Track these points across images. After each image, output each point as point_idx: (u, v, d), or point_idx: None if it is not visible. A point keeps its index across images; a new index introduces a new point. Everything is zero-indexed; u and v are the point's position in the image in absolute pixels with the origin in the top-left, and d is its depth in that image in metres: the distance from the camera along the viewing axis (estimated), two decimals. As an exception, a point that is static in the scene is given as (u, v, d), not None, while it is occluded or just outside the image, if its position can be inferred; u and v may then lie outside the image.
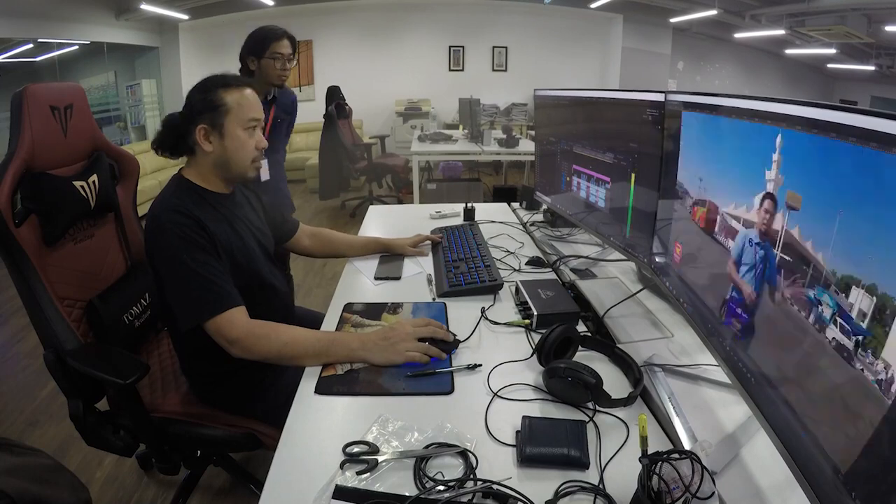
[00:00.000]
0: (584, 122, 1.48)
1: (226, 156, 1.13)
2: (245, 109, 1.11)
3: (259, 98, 1.18)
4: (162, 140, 1.16)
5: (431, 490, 0.69)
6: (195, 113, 1.10)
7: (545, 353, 0.94)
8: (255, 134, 1.15)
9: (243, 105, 1.11)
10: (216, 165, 1.15)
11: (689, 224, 0.93)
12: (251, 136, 1.14)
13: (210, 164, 1.15)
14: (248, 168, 1.16)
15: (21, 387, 2.28)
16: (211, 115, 1.10)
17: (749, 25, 6.33)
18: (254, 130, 1.14)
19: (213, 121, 1.10)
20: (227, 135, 1.11)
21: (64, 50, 5.25)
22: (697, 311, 0.90)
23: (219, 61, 2.46)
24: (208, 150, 1.12)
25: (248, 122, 1.12)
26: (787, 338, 0.62)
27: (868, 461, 0.47)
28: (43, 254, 1.13)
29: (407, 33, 7.16)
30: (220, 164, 1.14)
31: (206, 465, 1.58)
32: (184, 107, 1.13)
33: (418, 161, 4.52)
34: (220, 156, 1.13)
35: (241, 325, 1.03)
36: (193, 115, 1.10)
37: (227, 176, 1.18)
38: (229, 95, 1.10)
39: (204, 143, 1.11)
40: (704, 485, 0.58)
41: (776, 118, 0.64)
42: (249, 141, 1.14)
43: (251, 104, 1.13)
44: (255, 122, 1.13)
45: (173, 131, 1.15)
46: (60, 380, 1.13)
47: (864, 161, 0.48)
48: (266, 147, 1.18)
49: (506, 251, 1.62)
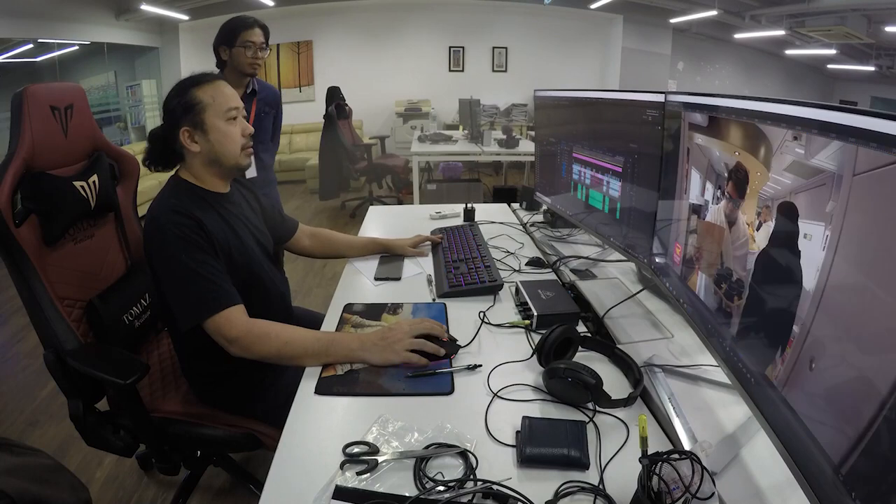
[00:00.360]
0: (584, 122, 1.48)
1: (214, 150, 1.13)
2: (220, 101, 1.12)
3: (236, 90, 1.19)
4: (151, 154, 1.17)
5: (431, 490, 0.69)
6: (175, 118, 1.11)
7: (545, 353, 0.94)
8: (238, 123, 1.15)
9: (217, 97, 1.12)
10: (208, 163, 1.15)
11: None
12: (234, 126, 1.14)
13: (202, 163, 1.15)
14: (239, 157, 1.17)
15: (21, 387, 2.28)
16: (189, 115, 1.10)
17: (749, 26, 6.33)
18: (235, 120, 1.15)
19: (193, 121, 1.11)
20: (210, 130, 1.12)
21: (64, 50, 5.25)
22: (697, 312, 0.90)
23: (219, 61, 2.45)
24: (196, 150, 1.13)
25: (227, 112, 1.13)
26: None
27: (868, 461, 0.47)
28: (43, 254, 1.13)
29: (407, 33, 7.17)
30: (212, 160, 1.15)
31: (206, 465, 1.58)
32: (163, 117, 1.14)
33: (418, 161, 4.52)
34: (208, 152, 1.13)
35: (241, 324, 1.03)
36: (175, 121, 1.11)
37: (221, 170, 1.18)
38: (202, 92, 1.11)
39: (190, 144, 1.12)
40: (704, 485, 0.58)
41: (776, 119, 0.65)
42: (234, 130, 1.14)
43: (226, 95, 1.13)
44: (234, 111, 1.14)
45: (159, 143, 1.15)
46: (60, 380, 1.13)
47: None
48: (252, 132, 1.18)
49: (506, 252, 1.63)
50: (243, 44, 1.90)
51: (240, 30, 1.90)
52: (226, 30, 1.93)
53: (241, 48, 1.90)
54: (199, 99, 1.10)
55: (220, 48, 1.94)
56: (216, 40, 1.94)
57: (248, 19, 1.94)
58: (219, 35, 1.94)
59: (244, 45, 1.90)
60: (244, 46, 1.90)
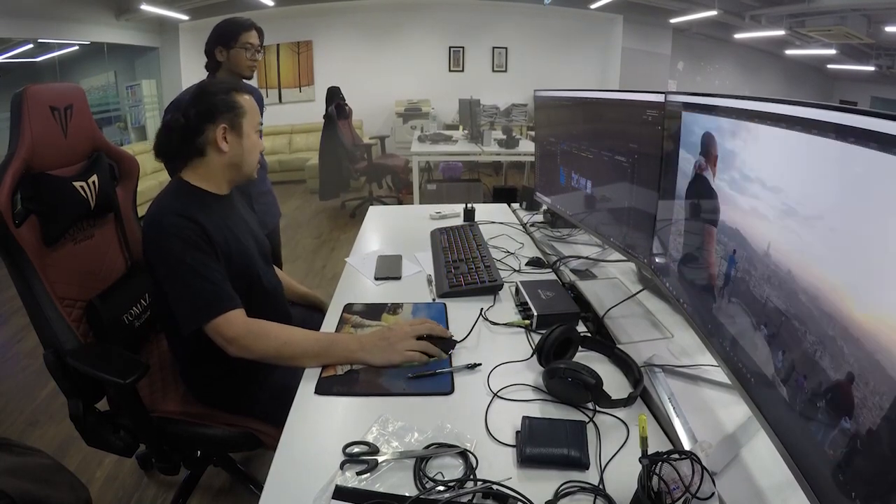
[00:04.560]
0: (584, 122, 1.48)
1: (241, 156, 1.17)
2: (254, 113, 1.17)
3: None
4: (167, 143, 1.14)
5: (431, 490, 0.69)
6: (215, 113, 1.11)
7: (545, 353, 0.94)
8: (259, 137, 1.22)
9: (253, 109, 1.18)
10: (228, 166, 1.17)
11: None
12: (259, 139, 1.21)
13: (222, 164, 1.16)
14: (254, 169, 1.22)
15: (21, 387, 2.28)
16: (230, 115, 1.13)
17: (749, 26, 6.33)
18: (258, 134, 1.21)
19: (232, 121, 1.13)
20: (245, 136, 1.16)
21: (64, 50, 5.26)
22: (697, 312, 0.90)
23: (219, 62, 2.44)
24: (225, 149, 1.13)
25: (257, 125, 1.19)
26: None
27: (868, 461, 0.47)
28: (43, 254, 1.13)
29: (407, 33, 7.17)
30: (234, 164, 1.17)
31: (206, 465, 1.58)
32: (195, 106, 1.11)
33: (418, 161, 4.52)
34: (235, 156, 1.16)
35: (240, 324, 1.03)
36: (214, 115, 1.11)
37: (236, 176, 1.20)
38: (242, 99, 1.15)
39: (222, 142, 1.13)
40: (704, 485, 0.58)
41: (776, 119, 0.65)
42: (259, 143, 1.21)
43: (256, 109, 1.19)
44: (259, 126, 1.20)
45: (181, 132, 1.12)
46: (60, 380, 1.13)
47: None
48: (264, 149, 1.23)
49: (506, 252, 1.63)
50: (243, 45, 1.87)
51: (239, 31, 1.87)
52: (223, 31, 1.88)
53: (241, 49, 1.87)
54: (240, 103, 1.14)
55: (217, 49, 1.88)
56: (211, 41, 1.89)
57: (245, 21, 1.91)
58: (214, 36, 1.89)
59: (244, 46, 1.87)
60: (244, 48, 1.87)
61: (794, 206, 0.60)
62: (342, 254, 3.84)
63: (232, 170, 1.18)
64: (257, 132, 1.19)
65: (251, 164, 1.19)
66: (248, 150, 1.17)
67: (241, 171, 1.19)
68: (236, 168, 1.18)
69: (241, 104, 1.14)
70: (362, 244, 1.72)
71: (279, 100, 7.15)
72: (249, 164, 1.19)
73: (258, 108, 1.20)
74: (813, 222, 0.56)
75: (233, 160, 1.16)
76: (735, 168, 0.75)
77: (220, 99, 1.12)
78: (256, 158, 1.20)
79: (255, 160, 1.20)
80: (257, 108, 1.19)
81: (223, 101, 1.12)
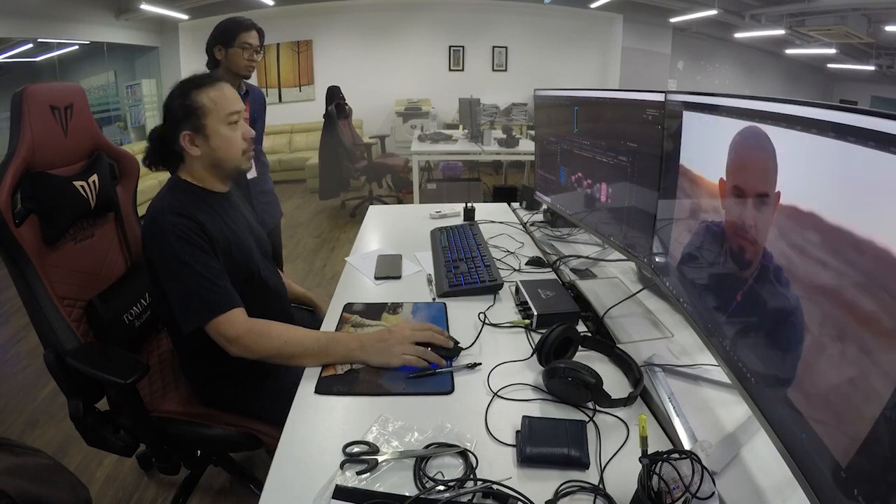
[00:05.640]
0: (584, 122, 1.48)
1: (215, 155, 1.14)
2: (222, 105, 1.11)
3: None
4: (151, 153, 1.17)
5: (431, 490, 0.69)
6: (176, 120, 1.10)
7: (545, 353, 0.94)
8: (238, 127, 1.15)
9: (220, 102, 1.11)
10: (209, 166, 1.16)
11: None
12: (235, 130, 1.14)
13: (203, 165, 1.15)
14: (240, 161, 1.17)
15: (21, 387, 2.28)
16: (191, 119, 1.10)
17: (749, 25, 6.33)
18: (236, 124, 1.14)
19: (194, 125, 1.10)
20: (212, 135, 1.11)
21: (64, 50, 5.26)
22: (697, 311, 0.90)
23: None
24: (196, 154, 1.12)
25: (229, 116, 1.12)
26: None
27: (868, 461, 0.47)
28: (43, 254, 1.13)
29: (407, 33, 7.16)
30: (212, 163, 1.15)
31: (206, 465, 1.58)
32: (164, 117, 1.13)
33: (418, 161, 4.52)
34: (209, 156, 1.13)
35: (241, 324, 1.03)
36: (175, 123, 1.11)
37: (222, 172, 1.18)
38: (204, 95, 1.10)
39: (191, 147, 1.12)
40: (704, 485, 0.58)
41: (776, 118, 0.64)
42: (234, 135, 1.14)
43: (228, 98, 1.13)
44: (235, 115, 1.13)
45: (160, 143, 1.15)
46: (60, 380, 1.13)
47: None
48: (253, 136, 1.18)
49: (506, 251, 1.62)
50: (242, 45, 1.88)
51: (239, 31, 1.88)
52: (223, 30, 1.90)
53: (240, 49, 1.88)
54: (200, 103, 1.10)
55: (216, 48, 1.90)
56: (211, 40, 1.91)
57: (245, 21, 1.92)
58: (214, 35, 1.91)
59: (242, 46, 1.88)
60: (242, 48, 1.88)
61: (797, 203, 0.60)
62: (342, 253, 3.84)
63: (214, 168, 1.16)
64: (232, 123, 1.13)
65: (232, 157, 1.15)
66: (221, 147, 1.12)
67: (224, 166, 1.16)
68: (217, 165, 1.16)
69: (202, 103, 1.09)
70: (362, 244, 1.72)
71: (279, 99, 7.15)
72: (230, 158, 1.15)
73: (231, 97, 1.13)
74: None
75: (210, 160, 1.14)
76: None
77: (177, 105, 1.10)
78: (237, 150, 1.15)
79: (235, 154, 1.15)
80: (230, 97, 1.13)
81: (180, 106, 1.10)
